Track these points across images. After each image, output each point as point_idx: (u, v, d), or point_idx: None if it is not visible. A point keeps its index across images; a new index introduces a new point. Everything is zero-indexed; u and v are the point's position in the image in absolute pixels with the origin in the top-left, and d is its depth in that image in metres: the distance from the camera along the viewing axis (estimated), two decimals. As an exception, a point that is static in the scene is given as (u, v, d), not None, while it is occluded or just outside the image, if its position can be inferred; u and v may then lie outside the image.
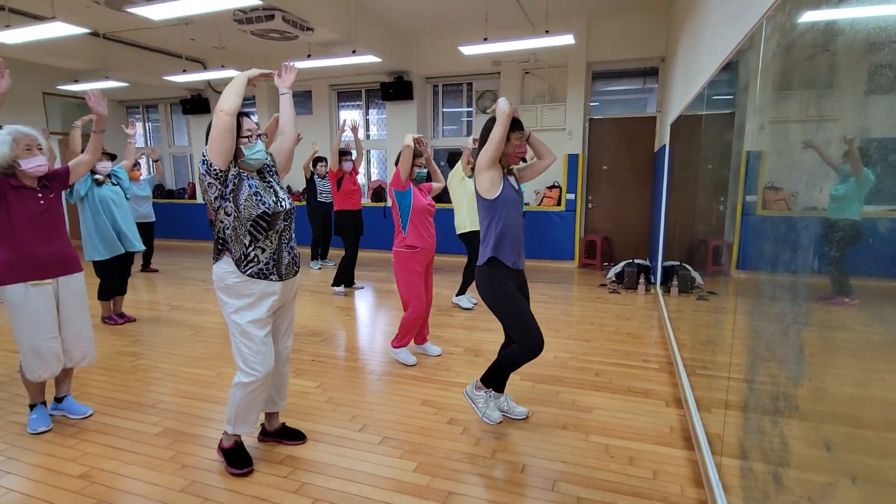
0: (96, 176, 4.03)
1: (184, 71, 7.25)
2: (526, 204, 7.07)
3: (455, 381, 3.11)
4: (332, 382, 3.12)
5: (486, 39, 5.39)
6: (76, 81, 7.77)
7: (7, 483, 2.11)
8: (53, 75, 8.30)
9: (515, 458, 2.26)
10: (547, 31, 5.21)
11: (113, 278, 4.26)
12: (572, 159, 6.92)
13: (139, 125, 10.52)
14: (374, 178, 8.73)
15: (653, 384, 3.07)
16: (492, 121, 2.35)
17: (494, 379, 2.54)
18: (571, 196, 6.95)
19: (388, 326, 4.28)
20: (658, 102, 6.70)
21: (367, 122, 8.60)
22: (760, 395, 1.51)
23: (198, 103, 9.08)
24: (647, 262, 6.04)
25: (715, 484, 1.89)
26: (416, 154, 3.28)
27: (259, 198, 2.03)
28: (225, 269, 2.04)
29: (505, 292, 2.39)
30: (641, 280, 5.48)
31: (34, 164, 2.37)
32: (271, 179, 2.17)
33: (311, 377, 3.20)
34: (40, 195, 2.44)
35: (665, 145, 5.17)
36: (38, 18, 5.15)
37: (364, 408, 2.79)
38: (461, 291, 4.88)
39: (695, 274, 3.22)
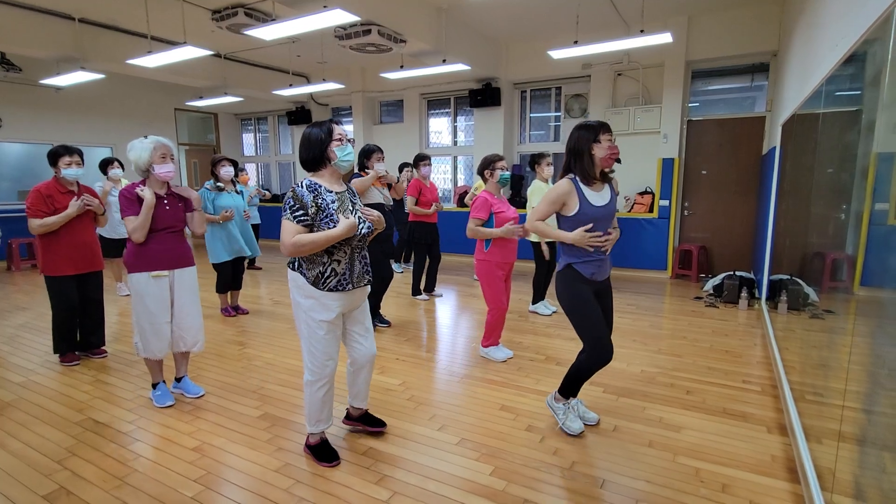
0: (218, 184, 4.53)
1: (290, 85, 7.88)
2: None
3: (534, 388, 3.08)
4: (414, 381, 3.23)
5: (576, 42, 5.28)
6: (201, 98, 8.75)
7: (136, 449, 2.44)
8: (182, 93, 9.41)
9: (595, 472, 2.20)
10: (642, 31, 4.99)
11: (227, 274, 4.73)
12: (667, 163, 6.54)
13: (251, 135, 11.59)
14: (460, 183, 8.88)
15: (753, 407, 2.82)
16: (579, 127, 2.35)
17: (569, 388, 2.52)
18: (665, 202, 6.58)
19: (470, 330, 4.33)
20: (768, 101, 6.14)
21: (455, 128, 8.77)
22: (881, 427, 1.34)
23: (301, 115, 9.81)
24: (750, 275, 5.54)
25: (823, 523, 1.71)
26: (499, 158, 3.44)
27: (333, 223, 2.10)
28: (301, 279, 2.15)
29: (578, 296, 2.38)
30: (744, 294, 5.04)
31: (165, 170, 2.73)
32: (354, 201, 2.26)
33: (394, 375, 3.33)
34: (166, 201, 2.80)
35: (775, 147, 4.73)
36: (171, 44, 5.88)
37: (444, 408, 2.85)
38: (537, 299, 4.83)
39: (808, 290, 2.91)
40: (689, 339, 4.05)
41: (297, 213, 2.07)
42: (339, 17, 4.37)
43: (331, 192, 2.15)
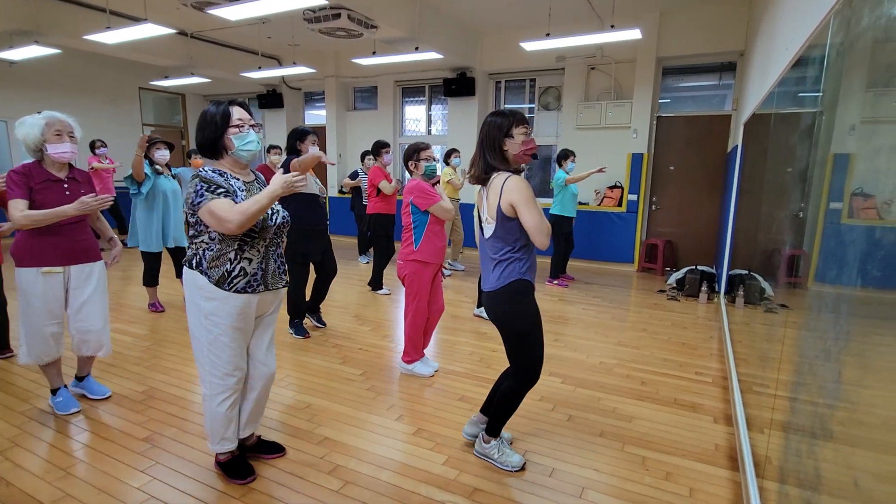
0: (155, 166, 4.18)
1: (259, 67, 7.68)
2: (585, 204, 6.89)
3: (495, 378, 3.11)
4: (375, 372, 3.22)
5: (548, 35, 5.29)
6: (167, 77, 8.45)
7: (82, 439, 2.37)
8: (147, 72, 9.07)
9: (546, 461, 2.24)
10: (612, 26, 5.03)
11: (156, 266, 4.36)
12: (636, 159, 6.65)
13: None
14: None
15: (703, 398, 2.91)
16: (492, 114, 2.07)
17: (501, 422, 2.21)
18: (634, 197, 6.69)
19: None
20: (734, 100, 6.27)
21: (429, 117, 8.71)
22: (811, 416, 1.40)
23: (273, 98, 9.58)
24: (711, 270, 5.70)
25: (756, 509, 1.78)
26: (424, 147, 3.06)
27: None
28: (201, 279, 1.87)
29: (536, 313, 2.07)
30: (704, 288, 5.19)
31: (60, 150, 2.36)
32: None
33: (356, 365, 3.32)
34: (66, 185, 2.43)
35: (737, 146, 4.85)
36: (133, 19, 5.65)
37: (403, 398, 2.86)
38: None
39: (765, 284, 3.01)
40: (648, 331, 4.15)
41: (219, 191, 1.81)
42: (307, -1, 4.28)
43: (237, 178, 1.92)
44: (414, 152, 3.05)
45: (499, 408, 2.18)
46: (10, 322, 3.36)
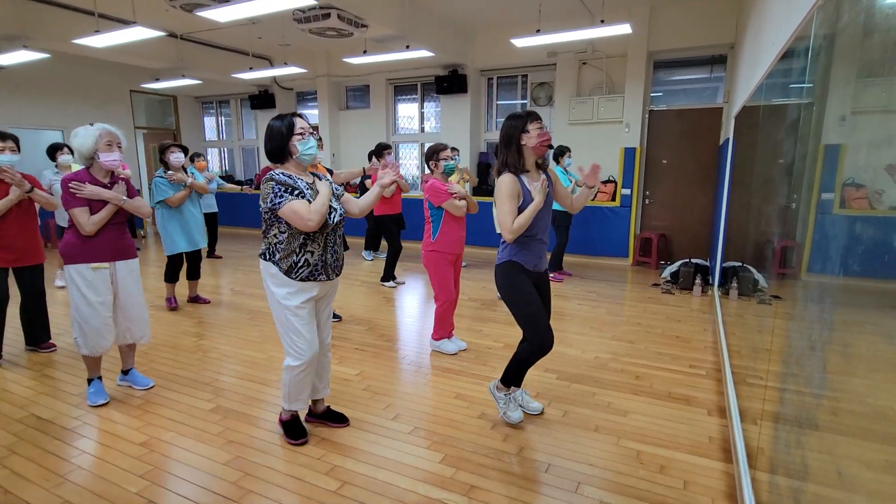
0: (169, 171, 4.35)
1: (250, 68, 7.65)
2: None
3: (490, 375, 3.13)
4: (372, 371, 3.24)
5: (538, 31, 5.29)
6: (157, 80, 8.41)
7: (80, 445, 2.38)
8: (138, 74, 9.02)
9: (541, 457, 2.27)
10: (602, 21, 5.03)
11: (178, 264, 4.56)
12: (629, 153, 6.67)
13: (213, 119, 11.23)
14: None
15: (697, 391, 2.94)
16: (508, 118, 2.37)
17: (512, 377, 2.53)
18: (627, 191, 6.71)
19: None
20: (725, 92, 6.30)
21: (422, 115, 8.70)
22: (805, 408, 1.42)
23: (265, 99, 9.54)
24: (705, 262, 5.74)
25: (748, 500, 1.81)
26: (443, 147, 3.45)
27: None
28: (274, 268, 2.20)
29: (518, 285, 2.39)
30: (698, 281, 5.22)
31: (110, 159, 2.67)
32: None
33: (352, 365, 3.33)
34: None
35: (729, 138, 4.87)
36: (121, 22, 5.62)
37: (400, 397, 2.88)
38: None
39: (758, 276, 3.04)
40: (643, 325, 4.18)
41: (296, 192, 2.12)
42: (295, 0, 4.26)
43: (301, 179, 2.20)
44: (434, 153, 3.45)
45: (511, 364, 2.49)
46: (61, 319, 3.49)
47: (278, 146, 2.18)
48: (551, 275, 5.82)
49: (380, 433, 2.48)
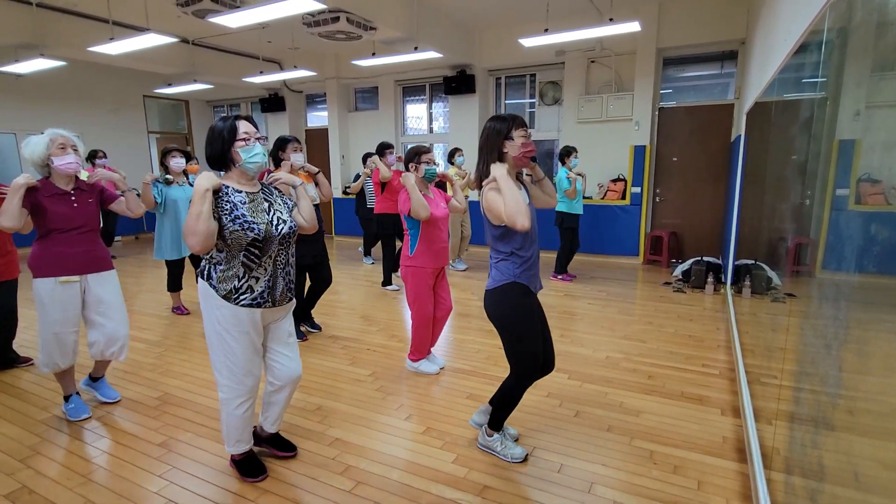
0: (167, 176, 4.25)
1: (260, 72, 7.73)
2: (588, 198, 6.88)
3: (502, 376, 3.11)
4: (384, 372, 3.26)
5: (546, 30, 5.28)
6: (170, 85, 8.52)
7: (101, 446, 2.43)
8: (151, 80, 9.14)
9: (554, 457, 2.27)
10: (611, 19, 5.01)
11: (178, 272, 4.51)
12: (639, 151, 6.63)
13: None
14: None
15: (710, 391, 2.93)
16: (491, 119, 2.11)
17: (502, 419, 2.28)
18: (637, 189, 6.68)
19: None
20: (736, 88, 6.24)
21: (430, 115, 8.72)
22: (821, 407, 1.42)
23: (275, 102, 9.63)
24: (717, 261, 5.69)
25: (764, 500, 1.80)
26: (425, 150, 3.09)
27: (245, 224, 1.89)
28: (210, 291, 1.92)
29: (525, 315, 2.10)
30: (710, 279, 5.18)
31: (65, 162, 2.46)
32: (271, 199, 2.04)
33: (364, 365, 3.36)
34: (73, 198, 2.53)
35: (741, 135, 4.83)
36: (134, 29, 5.71)
37: (412, 398, 2.90)
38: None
39: (771, 274, 3.01)
40: (654, 324, 4.16)
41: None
42: (305, 4, 4.30)
43: (240, 191, 1.95)
44: (415, 155, 3.09)
45: (499, 402, 2.24)
46: (28, 332, 3.43)
47: (219, 152, 1.93)
48: (558, 277, 5.81)
49: (393, 433, 2.50)
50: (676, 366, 3.29)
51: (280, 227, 1.98)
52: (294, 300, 2.17)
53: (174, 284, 4.58)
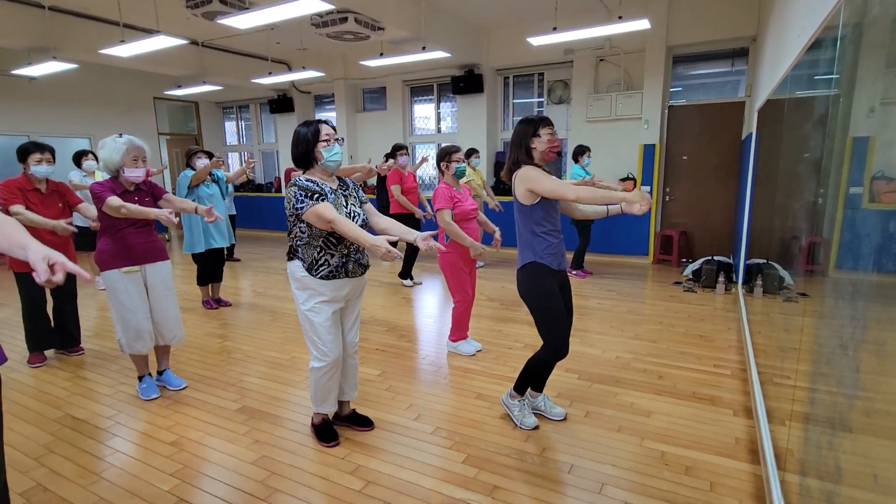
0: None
1: (269, 73, 7.76)
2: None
3: (511, 376, 3.13)
4: (394, 371, 3.26)
5: (555, 29, 5.26)
6: (180, 86, 8.59)
7: (114, 444, 2.46)
8: (161, 82, 9.23)
9: (564, 458, 2.26)
10: (620, 17, 4.98)
11: (207, 266, 4.71)
12: (648, 150, 6.58)
13: (233, 124, 11.43)
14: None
15: (722, 391, 2.90)
16: (521, 121, 2.40)
17: (526, 384, 2.52)
18: (647, 188, 6.63)
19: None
20: (747, 86, 6.17)
21: (438, 115, 8.72)
22: (837, 408, 1.40)
23: (283, 102, 9.67)
24: (728, 260, 5.63)
25: (777, 502, 1.78)
26: (455, 150, 3.40)
27: None
28: (298, 267, 2.25)
29: (547, 291, 2.35)
30: (721, 279, 5.13)
31: (135, 175, 2.75)
32: (346, 194, 2.31)
33: (374, 365, 3.36)
34: (136, 197, 2.79)
35: (752, 133, 4.78)
36: (145, 31, 5.76)
37: (421, 397, 2.90)
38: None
39: (784, 273, 2.98)
40: (665, 324, 4.13)
41: (318, 196, 2.13)
42: (314, 5, 4.31)
43: (325, 183, 2.24)
44: (446, 155, 3.41)
45: (526, 370, 2.47)
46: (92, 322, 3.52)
47: (304, 152, 2.22)
48: (574, 272, 5.80)
49: (403, 433, 2.50)
50: (687, 366, 3.26)
51: (355, 220, 2.25)
52: (366, 274, 2.41)
53: (202, 279, 4.76)
